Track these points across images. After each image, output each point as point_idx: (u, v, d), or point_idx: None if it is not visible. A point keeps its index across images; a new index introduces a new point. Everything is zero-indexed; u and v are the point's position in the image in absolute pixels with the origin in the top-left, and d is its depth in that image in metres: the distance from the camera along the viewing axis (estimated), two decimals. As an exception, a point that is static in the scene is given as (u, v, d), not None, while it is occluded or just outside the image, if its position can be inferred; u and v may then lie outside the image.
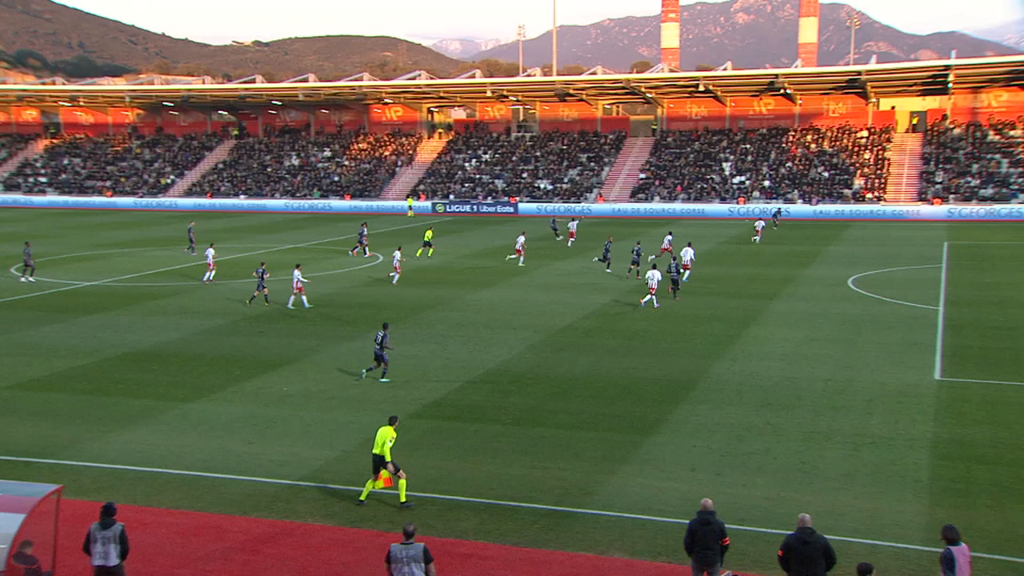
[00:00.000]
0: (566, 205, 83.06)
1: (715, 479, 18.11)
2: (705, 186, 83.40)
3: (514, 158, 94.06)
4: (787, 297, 38.43)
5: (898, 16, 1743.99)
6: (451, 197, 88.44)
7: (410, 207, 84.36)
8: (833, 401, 23.16)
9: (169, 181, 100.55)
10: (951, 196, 75.65)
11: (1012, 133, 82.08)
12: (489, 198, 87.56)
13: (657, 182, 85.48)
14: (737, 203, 79.20)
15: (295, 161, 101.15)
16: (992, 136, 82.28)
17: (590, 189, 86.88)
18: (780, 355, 28.14)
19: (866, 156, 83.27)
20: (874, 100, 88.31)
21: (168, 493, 17.98)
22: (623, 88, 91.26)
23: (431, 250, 52.61)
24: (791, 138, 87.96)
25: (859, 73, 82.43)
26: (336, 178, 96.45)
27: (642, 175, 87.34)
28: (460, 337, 30.60)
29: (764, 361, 27.42)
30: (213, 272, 43.67)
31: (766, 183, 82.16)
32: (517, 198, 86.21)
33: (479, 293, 40.20)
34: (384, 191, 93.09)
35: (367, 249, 53.51)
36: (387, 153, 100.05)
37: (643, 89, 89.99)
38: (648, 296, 36.41)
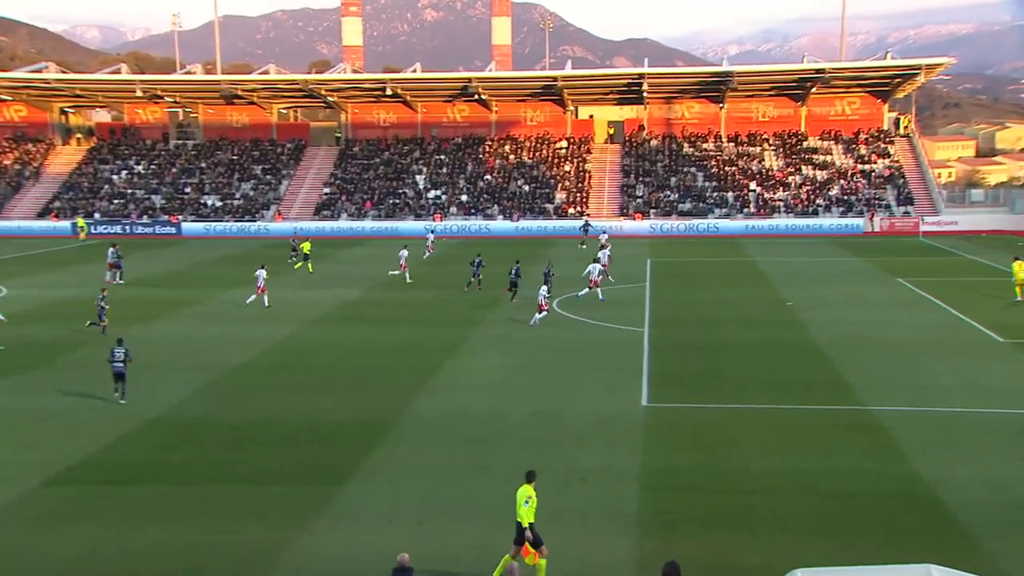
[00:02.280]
0: (239, 223, 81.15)
1: (416, 529, 18.46)
2: (398, 201, 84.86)
3: (174, 170, 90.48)
4: (492, 322, 39.96)
5: (592, 20, 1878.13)
6: (96, 216, 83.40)
7: (81, 228, 78.59)
8: (541, 434, 24.39)
9: None
10: (652, 211, 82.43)
11: (705, 146, 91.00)
12: (145, 217, 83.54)
13: (344, 197, 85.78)
14: (433, 220, 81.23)
15: None
16: (687, 149, 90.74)
17: (267, 206, 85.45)
18: (485, 386, 29.23)
19: (567, 168, 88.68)
20: (572, 108, 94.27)
21: None
22: (301, 90, 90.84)
23: (310, 264, 56.10)
24: (488, 148, 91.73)
25: (555, 79, 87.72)
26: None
27: (326, 189, 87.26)
28: (113, 383, 28.94)
29: (468, 393, 28.35)
30: None
31: (464, 198, 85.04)
32: (180, 217, 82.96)
33: (136, 329, 38.23)
34: (5, 208, 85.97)
35: (121, 275, 52.46)
36: (8, 162, 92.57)
37: (324, 92, 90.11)
38: (539, 314, 38.86)
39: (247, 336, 36.94)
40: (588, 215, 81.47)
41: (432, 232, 67.29)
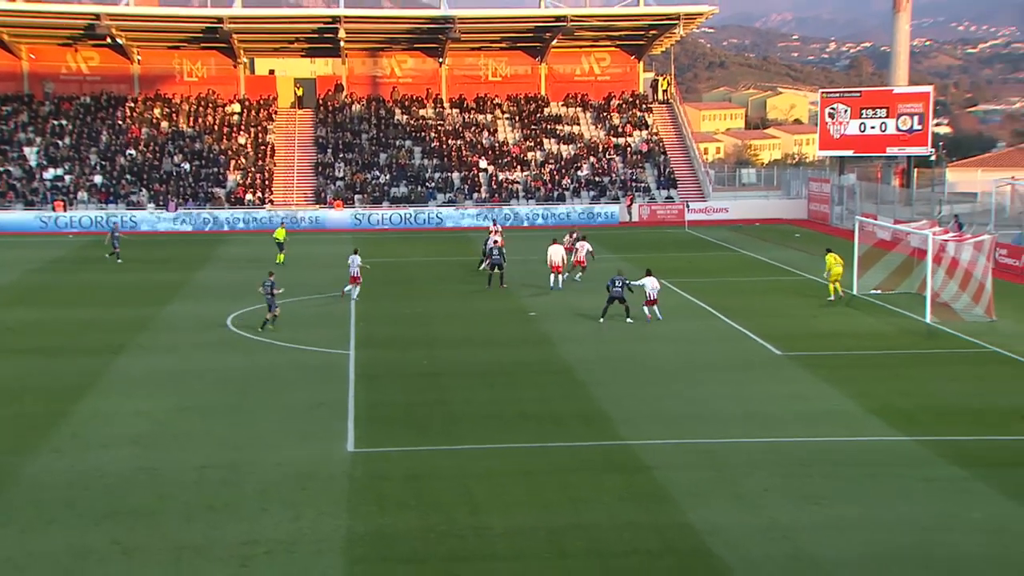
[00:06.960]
0: None
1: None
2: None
3: None
4: (141, 349, 38.93)
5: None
6: None
7: None
8: (213, 498, 23.87)
9: None
10: (356, 197, 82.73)
11: (423, 113, 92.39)
12: None
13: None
14: (54, 209, 77.95)
15: None
16: (400, 116, 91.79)
17: None
18: (133, 438, 28.32)
19: (242, 141, 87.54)
20: (246, 61, 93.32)
21: None
22: None
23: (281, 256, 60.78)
24: (130, 112, 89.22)
25: (220, 20, 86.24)
26: None
27: None
28: None
29: (108, 449, 27.37)
30: None
31: (97, 179, 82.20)
32: None
33: None
34: None
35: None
36: None
37: None
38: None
39: None
40: (272, 201, 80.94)
41: (495, 222, 67.00)
